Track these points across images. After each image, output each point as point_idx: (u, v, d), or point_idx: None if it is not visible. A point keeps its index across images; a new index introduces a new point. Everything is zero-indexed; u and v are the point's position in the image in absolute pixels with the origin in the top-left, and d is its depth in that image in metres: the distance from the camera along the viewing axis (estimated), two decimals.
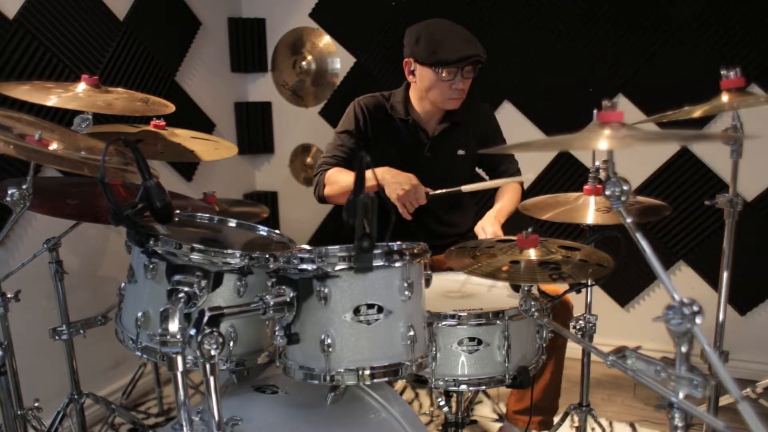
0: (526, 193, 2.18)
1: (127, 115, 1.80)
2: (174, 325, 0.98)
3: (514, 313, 1.36)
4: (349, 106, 2.12)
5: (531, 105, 2.97)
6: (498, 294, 1.59)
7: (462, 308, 1.38)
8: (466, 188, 1.93)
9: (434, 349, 1.35)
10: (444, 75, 1.93)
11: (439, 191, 1.90)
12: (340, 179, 1.99)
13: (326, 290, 1.10)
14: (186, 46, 3.06)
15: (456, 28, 1.97)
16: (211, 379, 0.96)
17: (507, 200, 2.09)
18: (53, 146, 1.38)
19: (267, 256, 1.21)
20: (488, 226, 1.91)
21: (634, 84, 2.75)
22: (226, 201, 2.47)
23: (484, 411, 2.47)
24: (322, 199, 2.07)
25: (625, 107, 2.74)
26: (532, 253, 1.36)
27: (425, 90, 2.00)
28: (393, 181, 1.86)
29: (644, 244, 0.91)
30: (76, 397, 1.91)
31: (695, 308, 0.85)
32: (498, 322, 1.36)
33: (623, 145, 1.03)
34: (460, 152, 2.11)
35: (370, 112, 2.08)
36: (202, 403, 1.04)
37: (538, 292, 1.33)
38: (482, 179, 2.31)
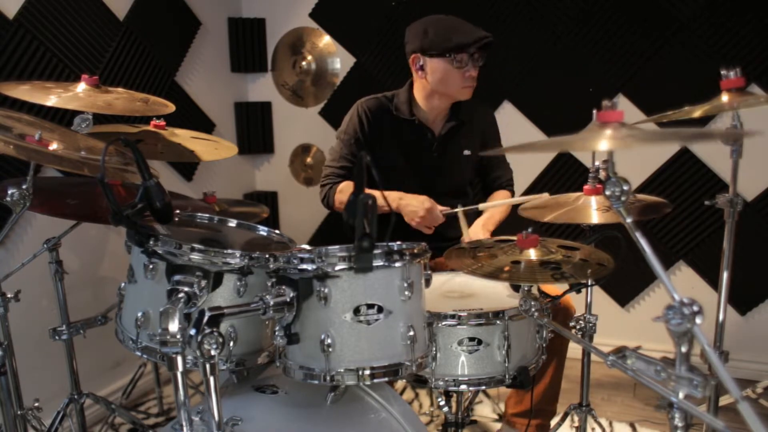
0: (526, 194, 2.17)
1: (127, 115, 1.80)
2: (174, 325, 0.98)
3: (514, 313, 1.36)
4: (352, 109, 2.10)
5: (531, 105, 2.97)
6: (498, 294, 1.59)
7: (462, 308, 1.38)
8: (482, 206, 1.93)
9: (434, 349, 1.35)
10: (457, 62, 1.92)
11: (456, 209, 1.91)
12: None
13: (326, 290, 1.10)
14: (186, 46, 3.06)
15: (458, 19, 1.98)
16: (211, 379, 0.96)
17: (497, 208, 2.08)
18: (53, 146, 1.38)
19: (267, 256, 1.21)
20: (474, 237, 1.91)
21: (634, 84, 2.75)
22: (226, 201, 2.47)
23: (484, 411, 2.47)
24: (331, 208, 2.08)
25: (625, 107, 2.74)
26: (532, 253, 1.36)
27: (438, 82, 1.98)
28: (408, 210, 1.90)
29: (644, 244, 0.91)
30: (76, 397, 1.91)
31: (695, 308, 0.85)
32: (498, 322, 1.36)
33: (624, 145, 1.02)
34: (466, 152, 2.10)
35: (373, 114, 2.06)
36: (202, 403, 1.04)
37: (538, 292, 1.33)
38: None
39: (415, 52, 1.99)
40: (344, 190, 2.03)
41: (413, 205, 1.89)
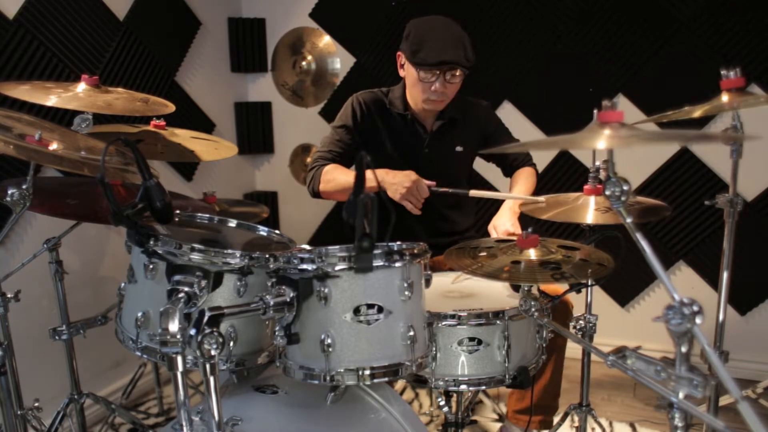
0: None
1: (127, 115, 1.80)
2: (174, 325, 0.98)
3: (514, 313, 1.36)
4: (348, 101, 2.11)
5: (531, 105, 2.97)
6: (498, 294, 1.59)
7: (462, 308, 1.38)
8: (474, 193, 1.89)
9: (434, 349, 1.35)
10: (422, 75, 1.90)
11: (443, 189, 1.88)
12: (337, 177, 1.98)
13: (326, 290, 1.10)
14: (186, 46, 3.06)
15: (448, 29, 1.93)
16: (211, 379, 0.96)
17: (523, 187, 2.08)
18: (53, 146, 1.38)
19: (267, 256, 1.21)
20: (500, 225, 1.90)
21: (634, 84, 2.75)
22: (226, 201, 2.47)
23: (484, 411, 2.47)
24: (316, 194, 2.06)
25: (625, 107, 2.74)
26: (532, 253, 1.36)
27: (409, 86, 2.01)
28: (393, 182, 1.86)
29: (644, 244, 0.91)
30: (76, 397, 1.91)
31: (695, 308, 0.85)
32: (498, 322, 1.36)
33: (624, 145, 1.02)
34: (458, 149, 2.11)
35: (368, 107, 2.08)
36: (202, 403, 1.04)
37: (538, 292, 1.33)
38: (482, 178, 2.31)
39: (399, 50, 2.00)
40: (330, 171, 2.01)
41: (398, 178, 1.86)
